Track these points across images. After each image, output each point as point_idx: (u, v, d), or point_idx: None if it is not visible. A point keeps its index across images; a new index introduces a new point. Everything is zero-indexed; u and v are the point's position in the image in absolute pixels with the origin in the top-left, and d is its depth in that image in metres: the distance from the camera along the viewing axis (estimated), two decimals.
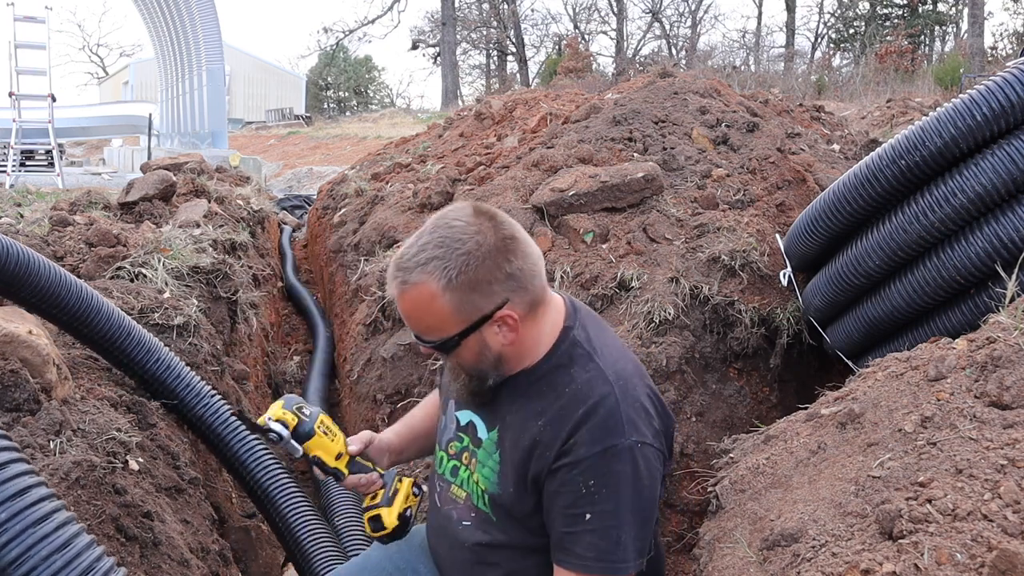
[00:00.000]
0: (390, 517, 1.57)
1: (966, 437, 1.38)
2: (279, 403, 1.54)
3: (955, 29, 31.16)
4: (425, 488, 1.70)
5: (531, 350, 1.44)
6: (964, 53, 20.84)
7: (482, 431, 1.52)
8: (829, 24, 35.14)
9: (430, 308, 1.33)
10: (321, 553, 2.20)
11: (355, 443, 1.62)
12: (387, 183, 5.64)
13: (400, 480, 1.63)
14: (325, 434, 1.54)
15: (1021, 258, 2.07)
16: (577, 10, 38.74)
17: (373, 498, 1.60)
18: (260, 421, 1.50)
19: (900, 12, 30.90)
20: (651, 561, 1.58)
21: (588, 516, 1.34)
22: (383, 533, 1.59)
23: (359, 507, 2.67)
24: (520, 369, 1.46)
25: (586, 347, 1.43)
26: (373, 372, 3.53)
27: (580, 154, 4.00)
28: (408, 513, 1.60)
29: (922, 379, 1.64)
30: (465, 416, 1.56)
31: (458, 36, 35.20)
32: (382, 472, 1.62)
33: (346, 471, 1.57)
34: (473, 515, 1.53)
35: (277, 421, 1.50)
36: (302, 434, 1.51)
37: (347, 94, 49.67)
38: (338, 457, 1.55)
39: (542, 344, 1.45)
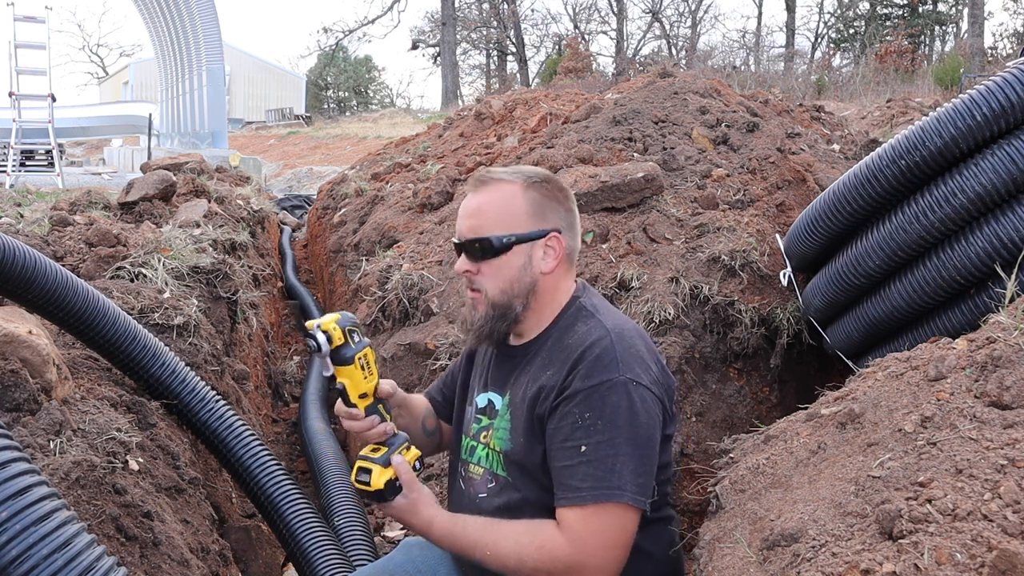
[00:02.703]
0: (379, 478, 1.48)
1: (966, 437, 1.38)
2: (335, 316, 1.50)
3: (955, 29, 31.17)
4: (423, 465, 1.67)
5: (551, 303, 1.57)
6: (964, 53, 20.83)
7: (498, 402, 1.60)
8: (829, 24, 35.16)
9: (505, 199, 1.52)
10: (321, 553, 2.20)
11: (386, 386, 1.62)
12: (387, 183, 5.64)
13: (408, 448, 1.58)
14: (363, 368, 1.50)
15: (1021, 258, 2.07)
16: (577, 10, 38.75)
17: (375, 451, 1.54)
18: (309, 325, 1.47)
19: (900, 12, 30.90)
20: (670, 556, 1.59)
21: (584, 448, 1.39)
22: (364, 488, 1.50)
23: (359, 507, 2.67)
24: (533, 336, 1.56)
25: (589, 309, 1.55)
26: None
27: (580, 154, 4.00)
28: (397, 484, 1.51)
29: (922, 379, 1.64)
30: (484, 399, 1.64)
31: (458, 36, 35.19)
32: (396, 432, 1.58)
33: (363, 412, 1.53)
34: (491, 484, 1.58)
35: (324, 332, 1.46)
36: (341, 357, 1.48)
37: (347, 94, 49.68)
38: (362, 396, 1.52)
39: (556, 304, 1.57)
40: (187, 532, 1.98)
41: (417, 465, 1.59)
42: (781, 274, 3.28)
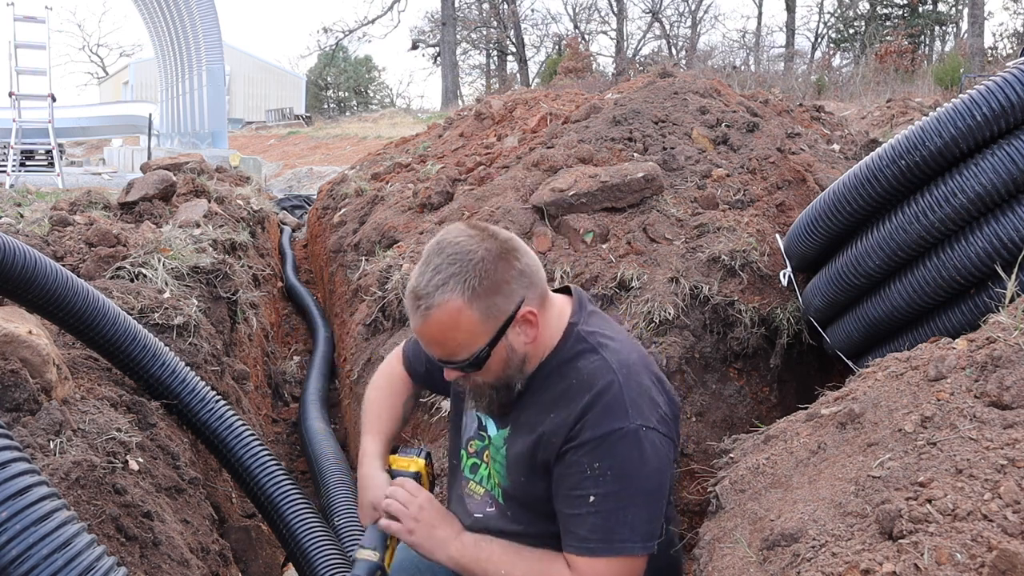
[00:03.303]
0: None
1: (966, 437, 1.38)
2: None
3: (955, 29, 31.16)
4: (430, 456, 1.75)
5: (546, 345, 1.48)
6: (964, 53, 20.83)
7: (492, 429, 1.57)
8: (829, 24, 35.15)
9: (459, 324, 1.36)
10: (321, 553, 2.20)
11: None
12: (387, 183, 5.64)
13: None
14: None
15: (1021, 258, 2.07)
16: (577, 10, 38.74)
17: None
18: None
19: (900, 12, 30.89)
20: (670, 556, 1.59)
21: (592, 498, 1.37)
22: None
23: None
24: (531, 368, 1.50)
25: (590, 341, 1.46)
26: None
27: (580, 154, 4.00)
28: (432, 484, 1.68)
29: (922, 379, 1.64)
30: (485, 417, 1.62)
31: (458, 36, 35.18)
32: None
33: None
34: (490, 508, 1.58)
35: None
36: None
37: (347, 94, 49.67)
38: None
39: (551, 340, 1.48)
40: (187, 532, 1.98)
41: (426, 460, 1.70)
42: (781, 274, 3.28)
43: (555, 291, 1.58)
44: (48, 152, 12.93)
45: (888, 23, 30.82)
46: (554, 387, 1.45)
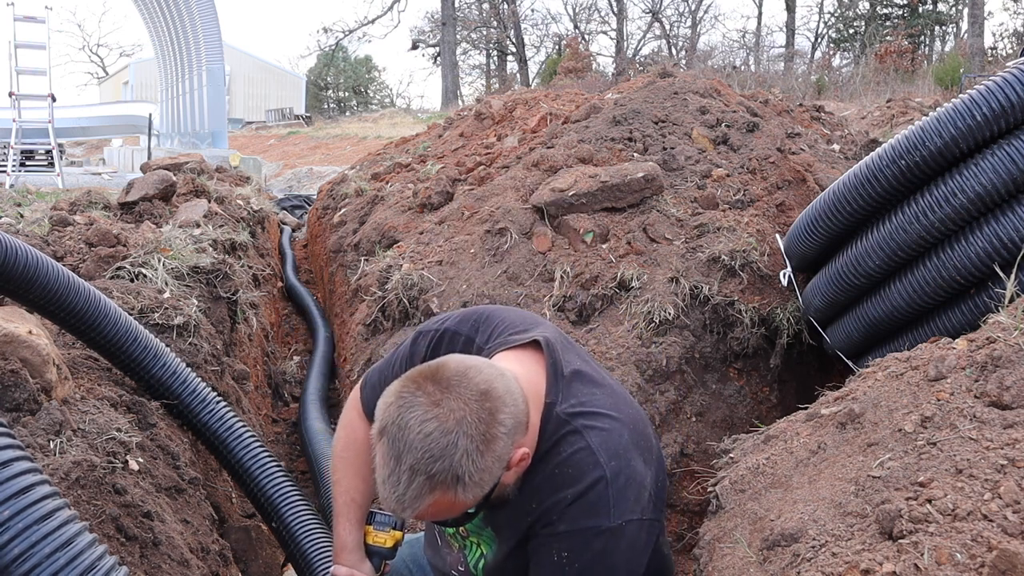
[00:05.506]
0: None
1: (966, 437, 1.38)
2: None
3: (955, 29, 31.17)
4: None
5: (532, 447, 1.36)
6: (964, 53, 20.83)
7: None
8: (829, 24, 35.16)
9: (453, 507, 1.26)
10: (320, 553, 2.20)
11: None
12: (387, 183, 5.64)
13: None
14: None
15: (1021, 258, 2.07)
16: (577, 10, 38.71)
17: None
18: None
19: (900, 12, 30.90)
20: (660, 562, 1.59)
21: None
22: None
23: None
24: None
25: (573, 424, 1.34)
26: None
27: (580, 154, 4.00)
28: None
29: (922, 379, 1.64)
30: None
31: (458, 36, 35.19)
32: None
33: None
34: (462, 568, 1.57)
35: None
36: None
37: (347, 94, 49.69)
38: None
39: (534, 437, 1.35)
40: (187, 532, 1.98)
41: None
42: (781, 274, 3.28)
43: (522, 344, 1.42)
44: (48, 152, 12.92)
45: (888, 23, 30.82)
46: (535, 476, 1.35)
